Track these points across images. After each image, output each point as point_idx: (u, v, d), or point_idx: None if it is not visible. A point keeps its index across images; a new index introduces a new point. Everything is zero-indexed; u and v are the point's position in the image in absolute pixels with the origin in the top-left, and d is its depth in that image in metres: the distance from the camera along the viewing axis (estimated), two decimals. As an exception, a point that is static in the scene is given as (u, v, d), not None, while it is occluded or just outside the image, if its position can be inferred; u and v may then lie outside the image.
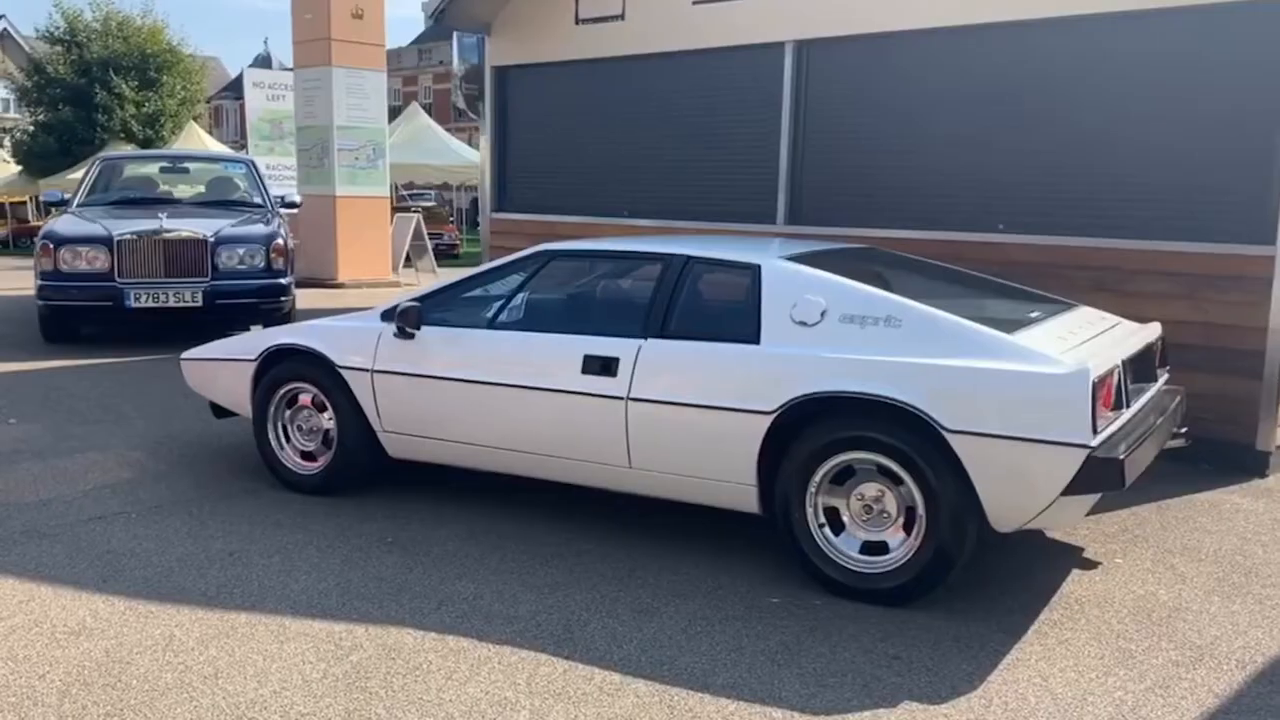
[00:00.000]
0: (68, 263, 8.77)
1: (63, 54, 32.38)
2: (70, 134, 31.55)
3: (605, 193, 8.81)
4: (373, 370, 4.90)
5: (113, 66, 31.85)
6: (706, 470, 4.26)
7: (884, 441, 3.89)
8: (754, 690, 3.32)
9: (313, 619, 3.78)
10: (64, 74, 32.01)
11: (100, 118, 31.53)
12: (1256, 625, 3.90)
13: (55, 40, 33.03)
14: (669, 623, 3.80)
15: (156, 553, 4.39)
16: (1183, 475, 5.86)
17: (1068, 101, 6.50)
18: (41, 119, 32.93)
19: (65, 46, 32.61)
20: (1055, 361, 3.71)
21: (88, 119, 31.61)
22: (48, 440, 6.15)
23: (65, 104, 31.93)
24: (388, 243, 14.63)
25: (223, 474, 5.50)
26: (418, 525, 4.77)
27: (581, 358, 4.42)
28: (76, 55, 32.18)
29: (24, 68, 34.09)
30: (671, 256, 4.54)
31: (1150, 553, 4.64)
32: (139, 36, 32.83)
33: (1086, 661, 3.57)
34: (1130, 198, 6.34)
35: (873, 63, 7.30)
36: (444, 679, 3.36)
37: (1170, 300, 6.17)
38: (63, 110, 31.91)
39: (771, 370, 4.08)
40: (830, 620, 3.85)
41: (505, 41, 9.40)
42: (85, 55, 32.15)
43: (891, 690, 3.35)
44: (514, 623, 3.78)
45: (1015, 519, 3.81)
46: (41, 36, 33.65)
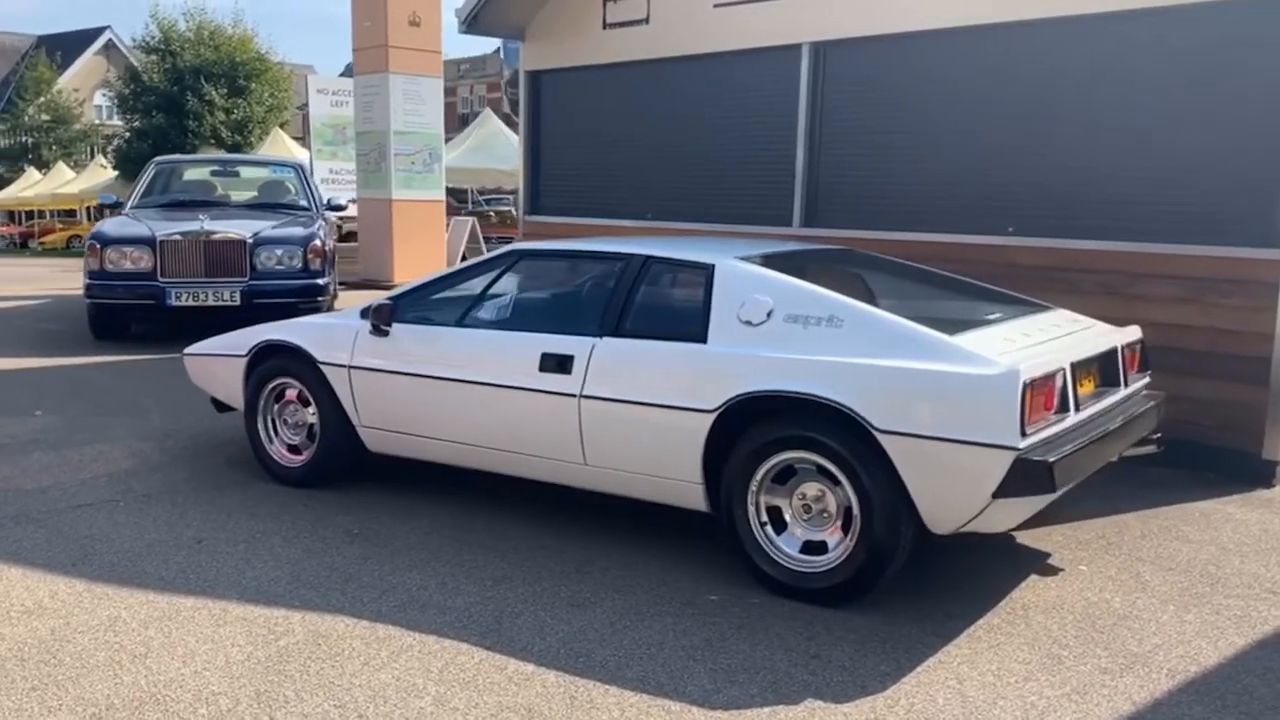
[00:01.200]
0: (113, 262, 9.10)
1: (157, 63, 33.48)
2: (163, 140, 32.56)
3: (630, 196, 8.87)
4: (350, 366, 5.03)
5: (204, 74, 32.84)
6: (655, 468, 4.29)
7: (820, 441, 3.89)
8: (660, 684, 3.35)
9: (255, 605, 3.90)
10: (158, 82, 33.09)
11: (191, 124, 32.54)
12: (1203, 635, 3.81)
13: (151, 49, 34.17)
14: (600, 617, 3.85)
15: (130, 539, 4.56)
16: (1183, 483, 5.73)
17: (1076, 103, 6.39)
18: (137, 125, 34.10)
19: (160, 55, 33.70)
20: (989, 363, 3.67)
21: (179, 125, 32.64)
22: (65, 431, 6.41)
23: (159, 111, 32.99)
24: (444, 245, 14.88)
25: (219, 466, 5.68)
26: (387, 518, 4.88)
27: (540, 356, 4.49)
28: (170, 64, 33.24)
29: (122, 76, 35.34)
30: (630, 256, 4.59)
31: (1119, 560, 4.55)
32: (229, 45, 33.79)
33: (1010, 666, 3.53)
34: (1136, 200, 6.21)
35: (887, 64, 7.25)
36: (361, 665, 3.45)
37: (1176, 304, 6.03)
38: (156, 117, 32.98)
39: (715, 369, 4.11)
40: (761, 618, 3.86)
41: (539, 46, 9.52)
42: (178, 64, 33.18)
43: (799, 688, 3.35)
44: (448, 613, 3.86)
45: (949, 521, 3.78)
46: (138, 46, 34.86)
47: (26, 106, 46.93)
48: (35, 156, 45.45)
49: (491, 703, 3.22)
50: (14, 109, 47.60)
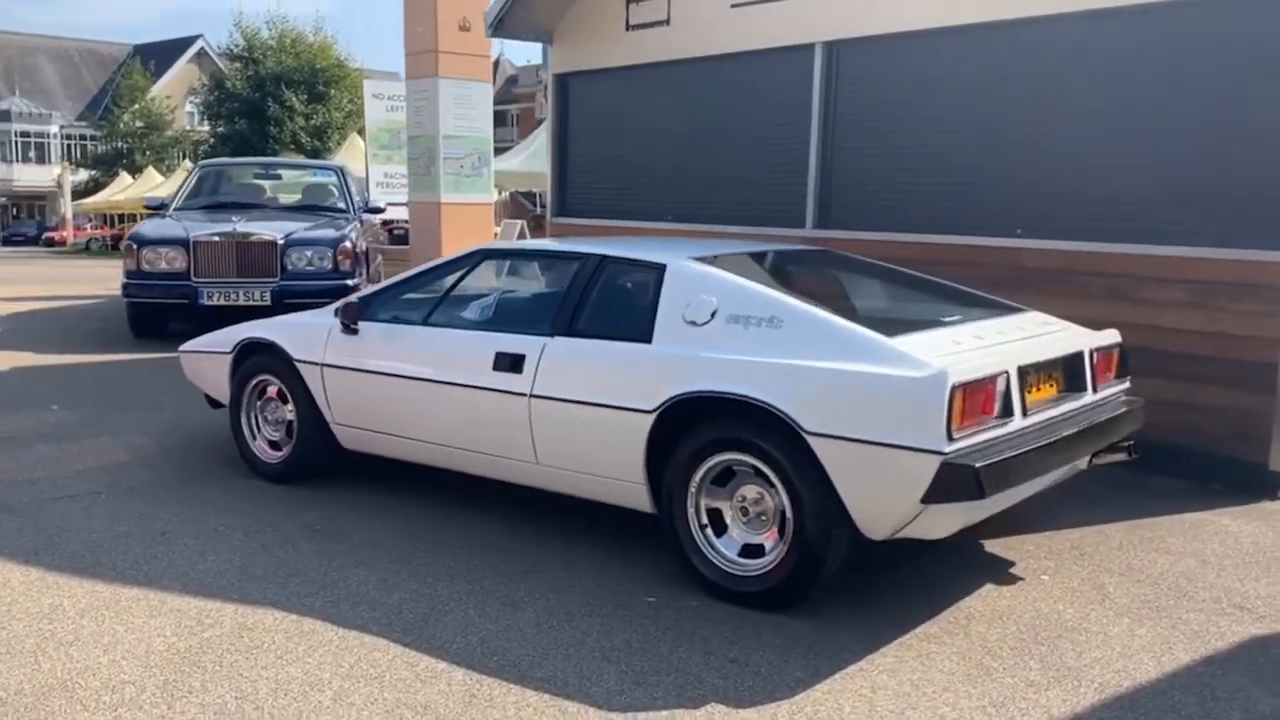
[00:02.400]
0: (149, 263, 9.34)
1: (240, 70, 34.39)
2: (245, 145, 33.42)
3: (652, 198, 8.85)
4: (322, 364, 5.09)
5: (284, 81, 33.64)
6: (601, 468, 4.27)
7: (754, 443, 3.84)
8: (565, 685, 3.33)
9: (195, 597, 3.96)
10: (241, 89, 33.99)
11: (272, 129, 33.36)
12: (1149, 650, 3.68)
13: (235, 57, 35.12)
14: (528, 617, 3.83)
15: (99, 530, 4.67)
16: (1185, 493, 5.55)
17: (1084, 101, 6.21)
18: (221, 131, 35.05)
19: (243, 63, 34.61)
20: (920, 365, 3.58)
21: (261, 131, 33.48)
22: (74, 425, 6.58)
23: (241, 117, 33.89)
24: (494, 248, 14.94)
25: (208, 461, 5.78)
26: (354, 515, 4.92)
27: (494, 355, 4.49)
28: (253, 71, 34.11)
29: (207, 83, 36.33)
30: (587, 256, 4.57)
31: (1086, 571, 4.41)
32: (309, 52, 34.56)
33: (932, 676, 3.44)
34: (1144, 201, 6.02)
35: (897, 64, 7.13)
36: (274, 658, 3.48)
37: (1183, 309, 5.83)
38: (239, 123, 33.87)
39: (657, 369, 4.07)
40: (691, 621, 3.81)
41: (565, 49, 9.55)
42: (260, 71, 34.03)
43: (706, 692, 3.30)
44: (379, 609, 3.88)
45: (881, 526, 3.70)
46: (223, 54, 35.84)
47: (122, 113, 48.43)
48: (129, 161, 46.85)
49: (390, 699, 3.22)
50: (110, 116, 49.18)
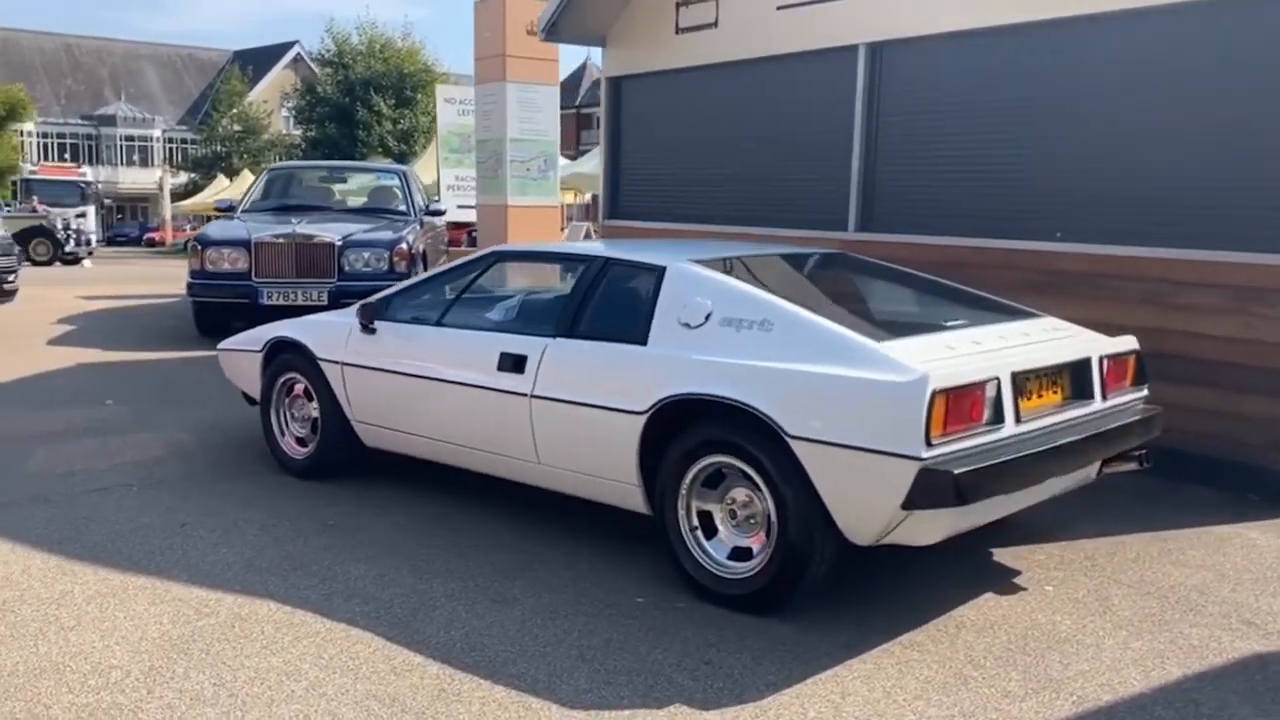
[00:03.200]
0: (213, 263, 9.62)
1: (330, 75, 35.14)
2: (334, 149, 34.14)
3: (699, 200, 8.87)
4: (343, 363, 5.20)
5: (373, 86, 34.27)
6: (598, 468, 4.31)
7: (741, 446, 3.84)
8: (534, 682, 3.37)
9: (199, 587, 4.09)
10: (331, 93, 34.72)
11: (360, 133, 34.01)
12: (1140, 663, 3.60)
13: (326, 63, 35.88)
14: (515, 614, 3.88)
15: (123, 522, 4.83)
16: (1217, 505, 5.40)
17: (1125, 103, 6.08)
18: (312, 135, 35.85)
19: (334, 68, 35.35)
20: (903, 370, 3.55)
21: (349, 135, 34.16)
22: (123, 420, 6.82)
23: (331, 121, 34.61)
24: (561, 250, 15.06)
25: (241, 457, 5.94)
26: (371, 511, 5.02)
27: (499, 355, 4.56)
28: (342, 76, 34.82)
29: (298, 88, 37.19)
30: (592, 258, 4.61)
31: (1093, 583, 4.32)
32: (398, 57, 35.17)
33: (907, 684, 3.41)
34: (1182, 204, 5.87)
35: (939, 65, 7.05)
36: (260, 647, 3.58)
37: (1219, 315, 5.67)
38: (328, 127, 34.59)
39: (650, 371, 4.10)
40: (676, 623, 3.83)
41: (619, 52, 9.61)
42: (350, 76, 34.72)
43: (674, 693, 3.32)
44: (371, 603, 3.96)
45: (865, 531, 3.68)
46: (314, 59, 36.67)
47: (220, 118, 49.78)
48: (226, 164, 48.14)
49: (361, 690, 3.30)
50: (209, 120, 50.59)
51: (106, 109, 55.00)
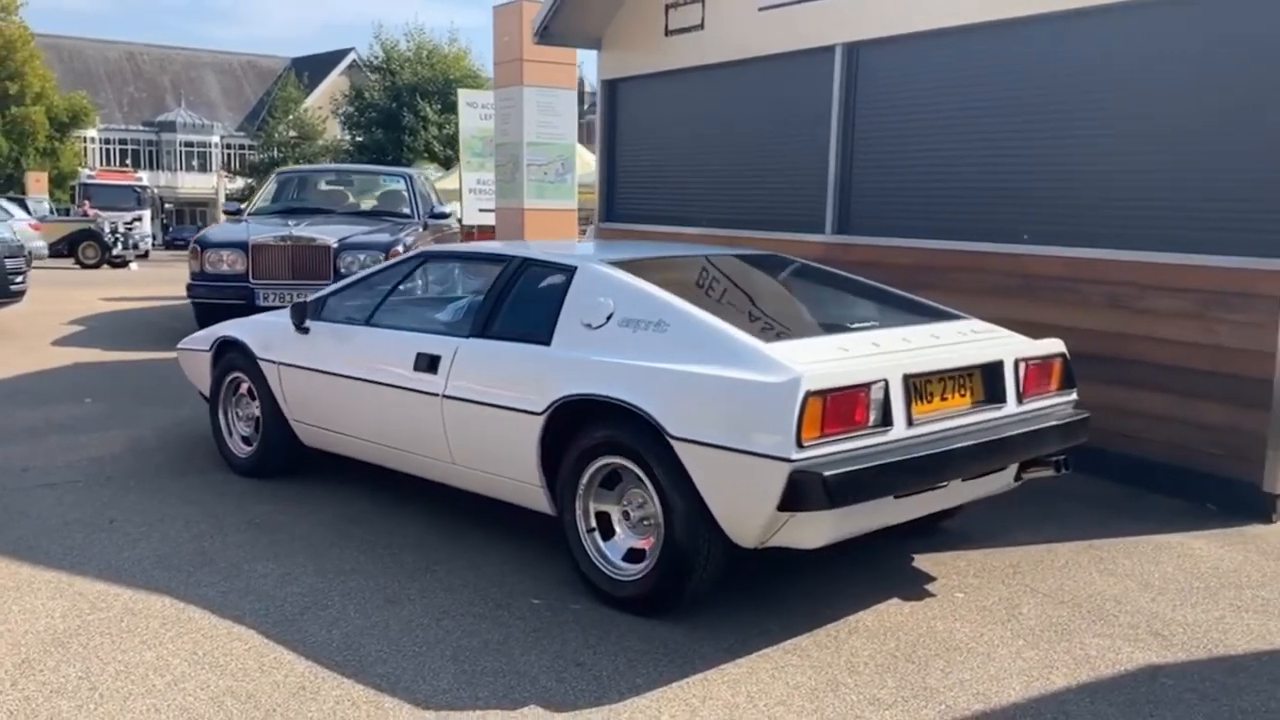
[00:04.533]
0: (212, 264, 9.75)
1: (378, 81, 35.51)
2: (381, 153, 34.48)
3: (687, 202, 8.84)
4: (279, 362, 5.24)
5: (420, 92, 34.56)
6: (503, 469, 4.30)
7: (631, 447, 3.81)
8: (395, 682, 3.36)
9: (102, 582, 4.13)
10: (378, 99, 35.07)
11: (407, 139, 34.31)
12: (1026, 673, 3.51)
13: (374, 69, 36.28)
14: (403, 614, 3.88)
15: (53, 517, 4.90)
16: (1172, 513, 5.28)
17: (1092, 102, 5.94)
18: (360, 140, 36.25)
19: (382, 74, 35.73)
20: (781, 370, 3.50)
21: (396, 140, 34.48)
22: (96, 418, 6.92)
23: (378, 127, 34.96)
24: (579, 254, 15.06)
25: (196, 455, 5.99)
26: (298, 509, 5.03)
27: (415, 355, 4.56)
28: (390, 82, 35.17)
29: (346, 94, 37.65)
30: (510, 258, 4.60)
31: (1008, 591, 4.23)
32: (444, 63, 35.46)
33: (774, 689, 3.36)
34: (1147, 207, 5.73)
35: (913, 65, 6.95)
36: (139, 642, 3.60)
37: (1181, 320, 5.53)
38: (375, 132, 34.95)
39: (550, 372, 4.08)
40: (562, 624, 3.80)
41: (613, 55, 9.60)
42: (397, 82, 35.06)
43: (533, 694, 3.30)
44: (265, 600, 3.97)
45: (747, 533, 3.62)
46: (364, 66, 37.10)
47: (277, 124, 50.49)
48: (281, 170, 48.80)
49: (221, 686, 3.31)
50: (266, 127, 51.33)
51: (167, 115, 55.99)
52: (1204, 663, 3.64)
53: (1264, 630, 3.90)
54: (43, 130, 42.18)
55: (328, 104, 53.12)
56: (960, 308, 5.46)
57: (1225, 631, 3.89)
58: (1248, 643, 3.80)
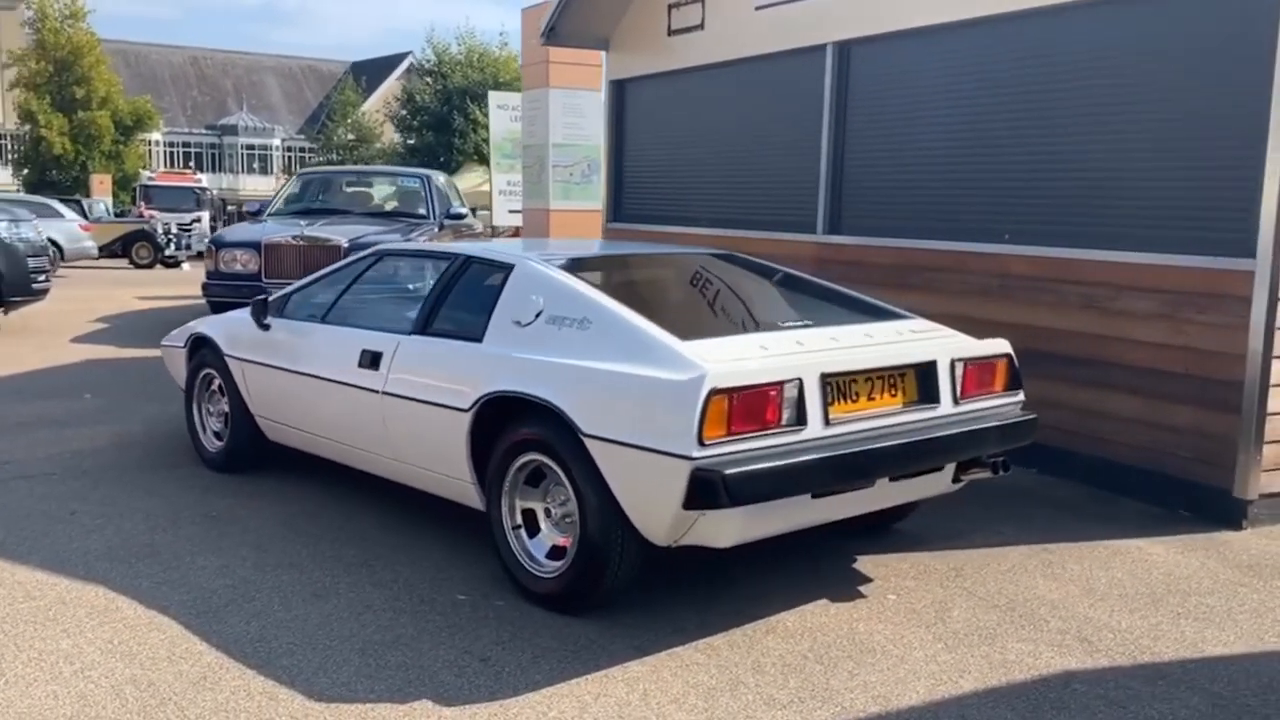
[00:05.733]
0: (226, 264, 9.91)
1: (429, 84, 35.85)
2: (431, 156, 34.80)
3: (689, 202, 8.84)
4: (243, 359, 5.32)
5: (470, 94, 34.81)
6: (438, 465, 4.33)
7: (549, 444, 3.81)
8: (297, 675, 3.39)
9: (44, 571, 4.21)
10: (429, 102, 35.40)
11: (457, 141, 34.58)
12: (935, 677, 3.47)
13: (426, 72, 36.63)
14: (325, 608, 3.91)
15: (18, 508, 5.00)
16: (1140, 519, 5.20)
17: (1071, 99, 5.85)
18: (411, 143, 36.63)
19: (433, 77, 36.06)
20: (688, 368, 3.49)
21: (446, 143, 34.77)
22: (89, 413, 7.07)
23: (429, 129, 35.29)
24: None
25: (176, 450, 6.08)
26: (257, 504, 5.10)
27: (359, 352, 4.61)
28: (440, 85, 35.49)
29: (399, 97, 38.08)
30: (455, 255, 4.63)
31: (943, 594, 4.17)
32: (494, 66, 35.70)
33: (671, 687, 3.35)
34: (1122, 206, 5.63)
35: (899, 64, 6.89)
36: (60, 631, 3.68)
37: (1153, 321, 5.43)
38: (426, 135, 35.28)
39: (479, 369, 4.10)
40: (480, 620, 3.82)
41: (620, 56, 9.63)
42: (448, 85, 35.36)
43: (429, 689, 3.31)
44: (195, 592, 4.03)
45: (657, 531, 3.62)
46: (414, 69, 37.50)
47: (335, 128, 51.18)
48: (339, 173, 49.42)
49: (125, 675, 3.37)
50: (325, 130, 52.06)
51: (229, 119, 57.01)
52: (1124, 669, 3.56)
53: (1198, 638, 3.82)
54: (108, 134, 43.12)
55: (384, 107, 53.81)
56: (942, 308, 5.47)
57: (1157, 639, 3.80)
58: (1176, 651, 3.72)
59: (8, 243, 10.06)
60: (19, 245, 10.16)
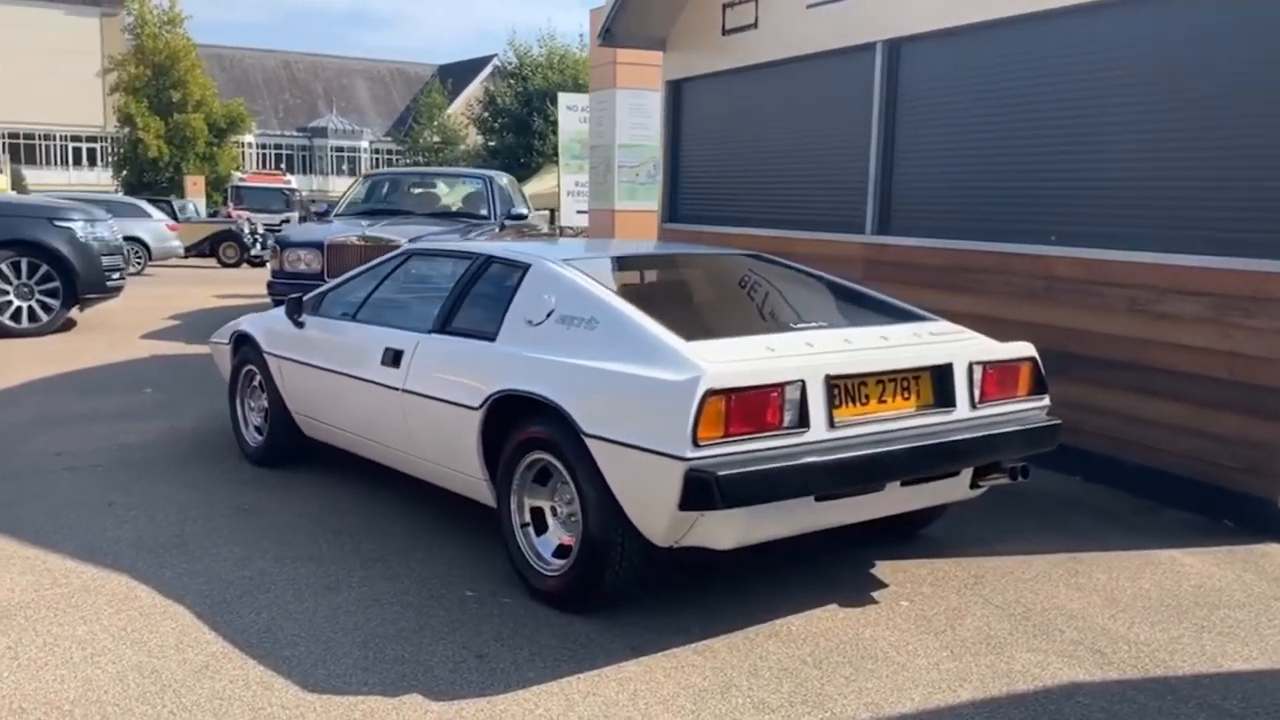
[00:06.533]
0: (290, 264, 10.09)
1: (510, 86, 36.20)
2: (511, 158, 35.12)
3: (741, 203, 8.80)
4: (280, 355, 5.42)
5: (550, 96, 35.05)
6: (453, 462, 4.37)
7: (554, 443, 3.83)
8: (295, 666, 3.44)
9: (73, 560, 4.34)
10: (509, 104, 35.74)
11: (536, 143, 34.86)
12: (934, 685, 3.41)
13: (508, 74, 36.99)
14: (335, 601, 3.97)
15: (60, 498, 5.16)
16: (1185, 528, 5.05)
17: (1117, 98, 5.71)
18: (491, 145, 37.01)
19: (514, 79, 36.40)
20: (686, 369, 3.48)
21: (526, 145, 35.07)
22: (147, 407, 7.26)
23: (509, 131, 35.62)
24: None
25: (221, 444, 6.22)
26: (289, 498, 5.19)
27: (383, 350, 4.67)
28: (521, 87, 35.80)
29: (480, 99, 38.50)
30: (476, 255, 4.67)
31: (959, 601, 4.10)
32: (574, 67, 35.90)
33: (663, 689, 3.34)
34: (1169, 207, 5.47)
35: (949, 61, 6.78)
36: (78, 618, 3.78)
37: (1198, 325, 5.27)
38: (506, 137, 35.62)
39: (491, 368, 4.13)
40: (483, 616, 3.84)
41: (676, 56, 9.62)
42: (528, 87, 35.66)
43: (422, 683, 3.35)
44: (213, 583, 4.12)
45: (657, 531, 3.61)
46: (498, 71, 37.90)
47: (422, 130, 51.98)
48: (424, 175, 50.12)
49: (131, 661, 3.45)
50: (411, 132, 52.89)
51: (319, 121, 58.21)
52: (1133, 682, 3.47)
53: (1218, 653, 3.70)
54: (202, 136, 44.32)
55: (467, 110, 54.47)
56: (987, 310, 5.38)
57: (1174, 652, 3.69)
58: (1193, 665, 3.60)
59: (83, 242, 10.37)
60: (94, 244, 10.47)
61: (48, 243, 10.25)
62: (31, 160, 49.48)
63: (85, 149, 51.99)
